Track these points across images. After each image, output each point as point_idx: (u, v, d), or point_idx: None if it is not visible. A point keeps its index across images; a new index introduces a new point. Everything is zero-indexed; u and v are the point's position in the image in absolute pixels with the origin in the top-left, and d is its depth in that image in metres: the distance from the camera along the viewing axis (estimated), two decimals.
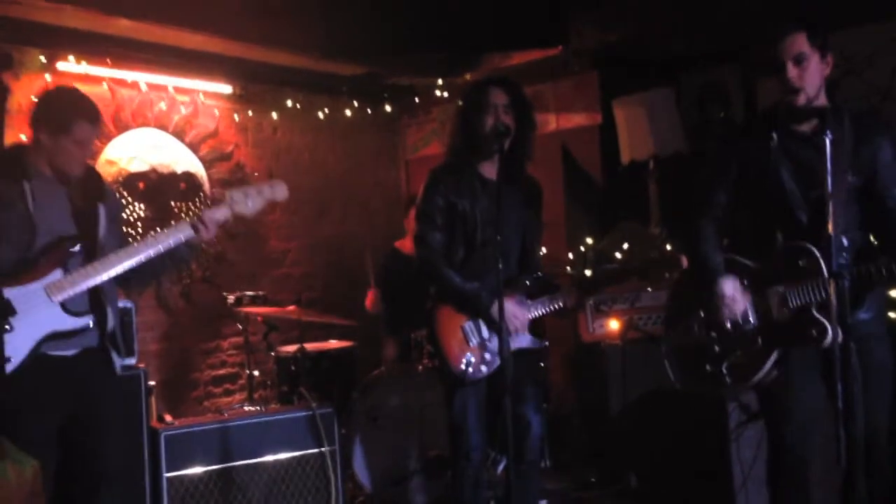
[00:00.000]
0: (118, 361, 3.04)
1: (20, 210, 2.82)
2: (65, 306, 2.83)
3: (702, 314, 2.95)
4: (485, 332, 3.36)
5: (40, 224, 2.85)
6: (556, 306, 3.40)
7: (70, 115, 2.89)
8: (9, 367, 2.70)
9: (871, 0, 4.55)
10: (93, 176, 3.13)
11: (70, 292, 2.82)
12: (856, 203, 2.78)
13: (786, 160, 2.80)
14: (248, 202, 3.06)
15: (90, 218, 2.99)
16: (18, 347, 2.73)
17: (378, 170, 6.65)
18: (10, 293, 2.74)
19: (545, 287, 3.48)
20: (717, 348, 2.89)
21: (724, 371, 2.85)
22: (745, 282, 2.87)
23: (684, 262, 3.11)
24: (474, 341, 3.35)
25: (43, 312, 2.79)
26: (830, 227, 2.45)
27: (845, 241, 2.68)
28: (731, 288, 2.86)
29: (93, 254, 2.94)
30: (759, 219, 2.90)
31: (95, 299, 2.93)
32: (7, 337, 2.71)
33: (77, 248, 2.89)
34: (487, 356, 3.32)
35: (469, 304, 3.33)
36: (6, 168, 2.88)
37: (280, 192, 3.13)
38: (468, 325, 3.36)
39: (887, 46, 4.74)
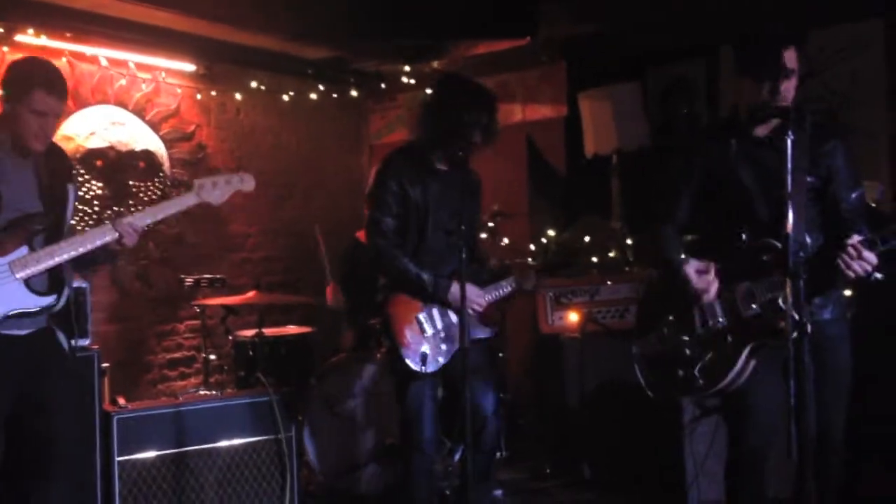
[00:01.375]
0: (65, 342, 2.99)
1: None
2: (29, 284, 2.78)
3: (671, 318, 2.96)
4: (439, 323, 3.36)
5: (8, 199, 2.79)
6: (508, 292, 3.47)
7: (28, 83, 2.81)
8: None
9: (833, 3, 4.62)
10: (61, 155, 3.08)
11: (34, 270, 2.78)
12: (815, 204, 2.82)
13: (746, 164, 2.85)
14: (216, 191, 3.07)
15: (58, 196, 2.94)
16: None
17: (342, 155, 6.60)
18: None
19: (493, 274, 3.54)
20: (688, 351, 2.89)
21: (697, 374, 2.84)
22: None
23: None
24: (429, 331, 3.35)
25: (6, 290, 2.73)
26: (789, 227, 2.49)
27: (809, 240, 2.72)
28: (695, 269, 2.86)
29: (58, 233, 2.90)
30: (722, 220, 2.94)
31: (57, 278, 2.88)
32: None
33: (42, 226, 2.84)
34: (443, 346, 3.33)
35: (424, 291, 3.32)
36: None
37: (248, 183, 3.16)
38: (422, 315, 3.36)
39: (848, 50, 4.81)
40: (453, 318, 3.44)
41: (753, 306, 2.78)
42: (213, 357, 4.75)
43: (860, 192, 2.88)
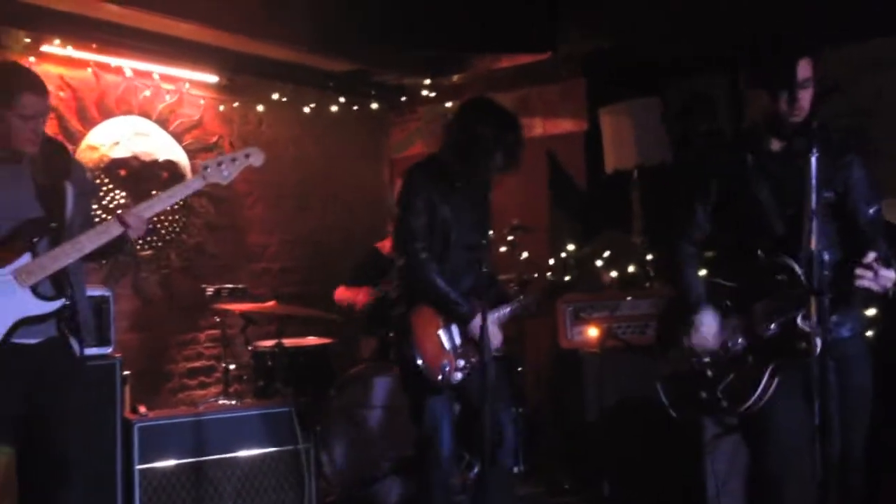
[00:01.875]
0: (78, 349, 2.95)
1: None
2: (35, 290, 2.77)
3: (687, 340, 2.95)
4: (457, 339, 3.37)
5: (4, 207, 2.78)
6: (520, 309, 3.52)
7: (14, 87, 2.79)
8: None
9: (857, 20, 4.60)
10: (58, 150, 3.04)
11: (40, 275, 2.76)
12: (832, 220, 2.81)
13: (762, 178, 2.84)
14: (223, 171, 2.99)
15: (56, 197, 2.90)
16: None
17: (361, 167, 6.62)
18: None
19: (500, 292, 3.56)
20: (709, 373, 2.87)
21: (720, 396, 2.83)
22: (729, 303, 2.89)
23: None
24: (448, 347, 3.35)
25: (13, 298, 2.73)
26: (812, 244, 2.47)
27: (826, 257, 2.70)
28: (708, 321, 2.87)
29: (61, 234, 2.86)
30: (737, 236, 2.93)
31: (62, 281, 2.85)
32: None
33: (44, 229, 2.83)
34: (461, 362, 3.34)
35: (449, 309, 3.33)
36: None
37: (256, 157, 3.04)
38: (442, 331, 3.37)
39: (872, 67, 4.79)
40: (471, 335, 3.44)
41: (772, 326, 2.77)
42: (232, 367, 4.77)
43: (878, 206, 2.87)
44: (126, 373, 4.02)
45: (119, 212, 2.89)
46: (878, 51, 4.78)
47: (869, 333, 3.33)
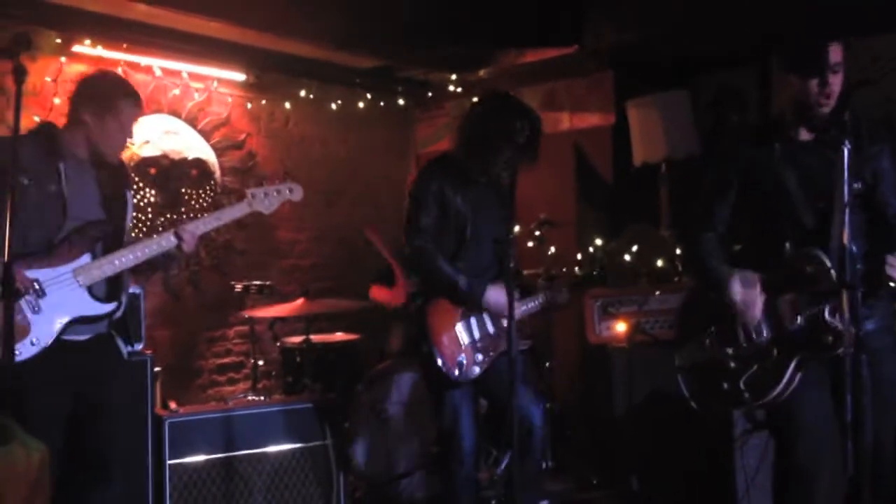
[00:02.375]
0: (125, 347, 3.09)
1: (54, 191, 2.83)
2: (91, 291, 2.86)
3: (713, 330, 2.92)
4: (476, 333, 3.36)
5: (72, 207, 2.86)
6: (540, 306, 3.52)
7: (116, 95, 2.94)
8: (34, 350, 2.72)
9: (887, 11, 4.52)
10: (119, 162, 3.16)
11: (97, 277, 2.86)
12: (861, 211, 2.76)
13: (790, 168, 2.80)
14: (267, 201, 3.15)
15: (118, 204, 3.02)
16: (45, 330, 2.75)
17: (389, 163, 6.64)
18: (39, 274, 2.76)
19: (525, 287, 3.54)
20: (732, 364, 2.84)
21: (742, 387, 2.80)
22: None
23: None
24: (466, 341, 3.35)
25: (71, 296, 2.81)
26: (845, 237, 2.43)
27: (854, 249, 2.66)
28: (742, 289, 2.81)
29: (119, 240, 2.97)
30: (764, 228, 2.89)
31: (116, 285, 2.95)
32: (33, 318, 2.73)
33: (104, 233, 2.92)
34: (479, 356, 3.33)
35: (462, 296, 3.32)
36: (42, 147, 2.88)
37: (296, 193, 3.24)
38: (461, 324, 3.36)
39: None
40: (490, 328, 3.43)
41: (798, 319, 2.73)
42: (261, 363, 4.81)
43: None
44: (157, 369, 4.07)
45: (176, 227, 3.01)
46: None
47: None
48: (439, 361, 3.29)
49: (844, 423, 2.36)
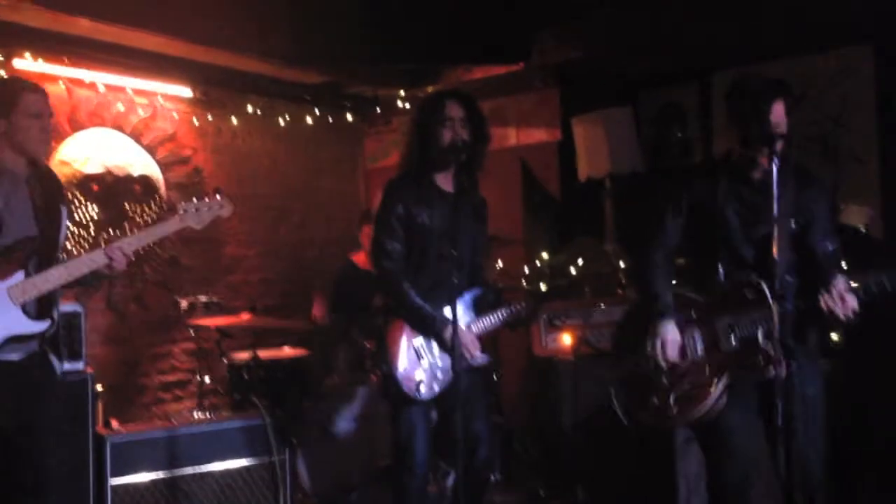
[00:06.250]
0: (58, 366, 3.01)
1: None
2: (24, 309, 2.80)
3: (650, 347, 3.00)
4: (436, 351, 3.36)
5: (5, 223, 2.82)
6: (506, 318, 3.44)
7: (16, 91, 2.91)
8: None
9: (823, 29, 4.68)
10: (52, 176, 3.11)
11: (32, 295, 2.80)
12: (794, 249, 2.87)
13: (733, 201, 2.92)
14: (198, 216, 3.10)
15: (52, 219, 2.96)
16: None
17: (338, 178, 6.64)
18: None
19: (496, 300, 3.52)
20: (665, 380, 2.93)
21: (672, 403, 2.89)
22: (694, 314, 2.95)
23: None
24: (426, 359, 3.35)
25: (5, 315, 2.76)
26: (775, 251, 2.54)
27: (789, 279, 2.76)
28: (670, 334, 2.93)
29: (52, 256, 2.91)
30: (705, 255, 3.00)
31: (48, 303, 2.90)
32: None
33: (37, 249, 2.86)
34: (439, 374, 3.32)
35: (423, 324, 3.33)
36: None
37: (226, 209, 3.18)
38: (421, 343, 3.36)
39: (838, 75, 4.87)
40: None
41: (733, 341, 2.83)
42: (207, 380, 4.75)
43: (837, 244, 2.95)
44: (98, 387, 4.00)
45: (105, 246, 2.95)
46: (841, 59, 4.86)
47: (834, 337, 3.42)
48: (399, 380, 3.29)
49: (775, 430, 2.43)
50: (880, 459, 3.79)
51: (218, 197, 3.16)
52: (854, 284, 2.71)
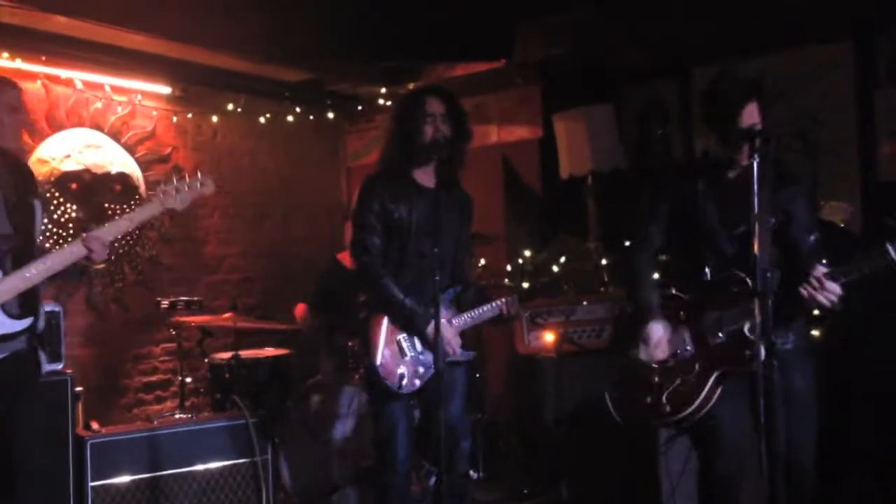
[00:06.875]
0: (45, 365, 2.99)
1: None
2: (4, 309, 2.76)
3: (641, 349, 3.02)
4: (418, 346, 3.36)
5: None
6: (489, 315, 3.44)
7: None
8: None
9: (802, 26, 4.71)
10: (24, 171, 3.05)
11: (11, 295, 2.76)
12: (775, 244, 2.88)
13: (712, 201, 2.95)
14: (178, 197, 3.03)
15: (26, 215, 2.91)
16: None
17: (319, 176, 6.61)
18: None
19: (478, 297, 3.52)
20: (656, 378, 2.96)
21: (664, 400, 2.91)
22: (682, 313, 2.98)
23: None
24: (409, 354, 3.34)
25: None
26: (756, 247, 2.55)
27: (769, 275, 2.77)
28: (657, 334, 2.96)
29: (28, 253, 2.86)
30: (690, 253, 3.03)
31: (31, 299, 2.85)
32: None
33: (12, 247, 2.82)
34: (420, 369, 3.32)
35: (405, 319, 3.32)
36: None
37: (208, 186, 3.10)
38: (403, 337, 3.35)
39: (817, 71, 4.89)
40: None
41: (720, 335, 2.85)
42: (189, 380, 4.72)
43: (817, 235, 2.97)
44: (78, 389, 3.97)
45: (83, 235, 2.89)
46: (821, 56, 4.88)
47: (815, 333, 3.43)
48: (381, 374, 3.29)
49: (758, 427, 2.45)
50: (862, 454, 3.83)
51: (199, 175, 3.09)
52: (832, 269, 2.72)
